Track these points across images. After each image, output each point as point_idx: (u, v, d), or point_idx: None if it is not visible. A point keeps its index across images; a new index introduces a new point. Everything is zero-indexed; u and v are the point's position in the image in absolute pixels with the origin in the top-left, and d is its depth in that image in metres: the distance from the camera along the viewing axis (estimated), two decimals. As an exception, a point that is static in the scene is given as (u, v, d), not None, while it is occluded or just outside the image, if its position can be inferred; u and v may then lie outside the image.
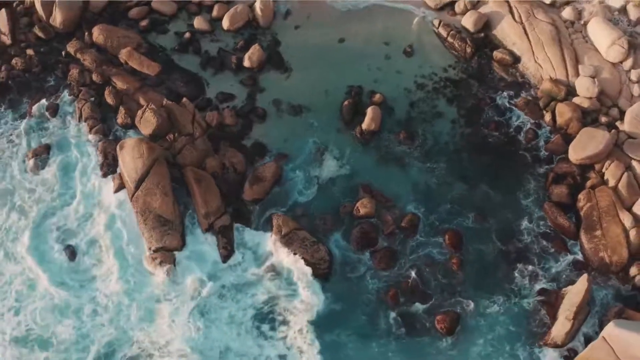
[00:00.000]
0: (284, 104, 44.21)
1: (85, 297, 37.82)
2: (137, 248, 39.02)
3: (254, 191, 40.79)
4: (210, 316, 37.09)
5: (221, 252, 38.95)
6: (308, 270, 38.15)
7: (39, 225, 40.02)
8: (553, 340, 36.62)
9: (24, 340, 36.75)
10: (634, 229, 38.38)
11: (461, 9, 47.31)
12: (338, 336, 36.78)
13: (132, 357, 36.09)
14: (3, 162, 42.55)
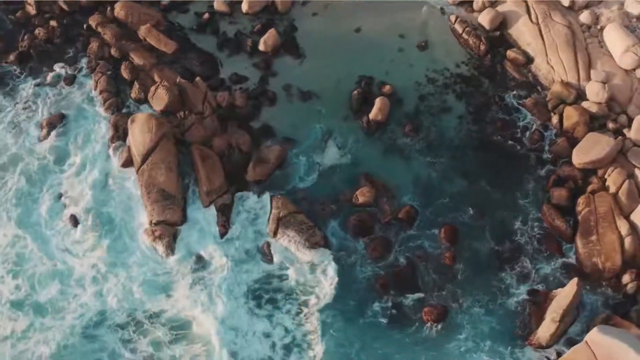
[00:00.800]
0: (295, 90, 44.57)
1: (85, 265, 38.73)
2: (139, 221, 39.82)
3: (257, 172, 41.28)
4: (205, 290, 37.68)
5: (220, 229, 39.58)
6: (301, 254, 38.76)
7: (44, 192, 40.97)
8: (538, 341, 36.62)
9: (20, 304, 37.75)
10: (630, 236, 38.05)
11: (479, 6, 47.08)
12: (326, 317, 37.00)
13: (119, 325, 36.79)
14: (18, 128, 43.56)
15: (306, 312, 37.45)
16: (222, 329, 36.88)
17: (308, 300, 37.77)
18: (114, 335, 36.66)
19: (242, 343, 36.55)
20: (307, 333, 36.78)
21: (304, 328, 36.97)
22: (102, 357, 36.15)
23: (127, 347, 36.37)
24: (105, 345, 36.47)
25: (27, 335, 36.78)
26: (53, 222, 40.13)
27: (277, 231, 39.16)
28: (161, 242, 38.75)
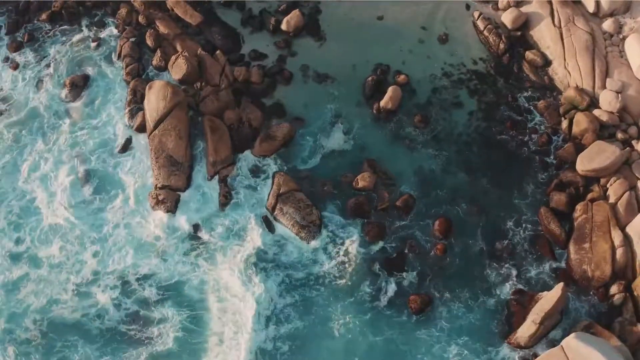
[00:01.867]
0: (311, 71, 44.85)
1: (88, 223, 39.81)
2: (145, 184, 40.84)
3: (263, 148, 41.84)
4: (200, 257, 38.76)
5: (220, 200, 40.40)
6: (297, 231, 39.31)
7: (58, 149, 42.12)
8: (516, 340, 36.66)
9: (18, 256, 39.03)
10: (622, 248, 37.64)
11: (504, 5, 46.44)
12: (311, 292, 37.79)
13: (111, 284, 37.86)
14: (40, 84, 44.74)
15: (294, 285, 38.02)
16: (214, 295, 37.74)
17: (298, 274, 38.33)
18: (105, 294, 37.67)
19: (232, 307, 37.55)
20: (290, 305, 37.43)
21: (288, 300, 37.58)
22: (90, 312, 37.19)
23: (117, 305, 37.31)
24: (95, 302, 37.50)
25: (20, 285, 38.07)
26: (63, 178, 41.10)
27: (276, 206, 39.81)
28: (163, 206, 39.77)
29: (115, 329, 36.91)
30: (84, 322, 37.00)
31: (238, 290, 37.86)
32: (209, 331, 36.90)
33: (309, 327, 37.05)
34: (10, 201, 40.67)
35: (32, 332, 36.75)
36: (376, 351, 36.37)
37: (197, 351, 36.48)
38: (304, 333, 37.06)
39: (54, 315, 37.15)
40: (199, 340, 36.60)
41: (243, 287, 37.82)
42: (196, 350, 36.49)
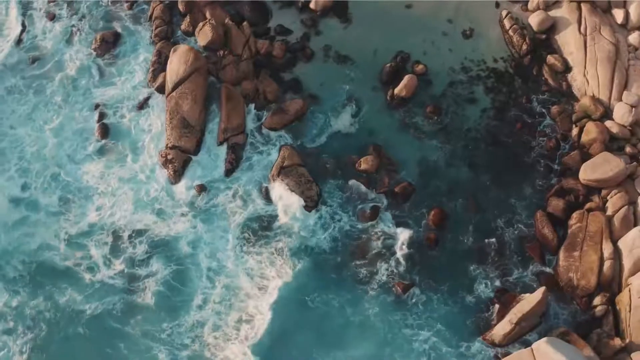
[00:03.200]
0: (332, 52, 44.91)
1: (97, 176, 41.08)
2: (157, 143, 41.82)
3: (274, 121, 42.39)
4: (197, 218, 39.75)
5: (226, 166, 41.23)
6: (294, 204, 39.88)
7: (82, 101, 43.45)
8: (491, 338, 36.67)
9: (19, 200, 40.51)
10: (611, 261, 37.04)
11: (533, 6, 45.43)
12: (298, 263, 38.45)
13: (106, 239, 39.19)
14: (70, 38, 45.99)
15: (284, 255, 38.67)
16: (205, 256, 38.85)
17: (289, 244, 38.99)
18: (98, 249, 39.03)
19: (221, 271, 38.58)
20: (279, 274, 38.16)
21: (277, 268, 38.33)
22: (81, 263, 38.59)
23: (107, 259, 38.65)
24: (88, 255, 38.88)
25: (16, 226, 39.59)
26: (81, 130, 42.53)
27: (278, 178, 40.37)
28: (171, 166, 40.79)
29: (103, 282, 38.00)
30: (74, 271, 38.40)
31: (230, 253, 38.66)
32: (192, 290, 37.83)
33: (290, 295, 37.83)
34: (23, 147, 41.98)
35: (20, 271, 38.21)
36: (350, 325, 36.94)
37: (175, 309, 37.53)
38: (293, 309, 37.55)
39: (45, 259, 38.66)
40: (180, 299, 37.63)
41: (233, 252, 38.61)
42: (175, 308, 37.53)
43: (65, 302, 37.35)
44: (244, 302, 37.54)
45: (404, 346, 36.68)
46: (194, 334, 36.80)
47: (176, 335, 36.69)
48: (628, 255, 37.03)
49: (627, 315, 36.04)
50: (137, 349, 36.58)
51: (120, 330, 36.62)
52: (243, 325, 36.99)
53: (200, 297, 37.64)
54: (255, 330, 36.79)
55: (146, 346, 36.48)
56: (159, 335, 36.64)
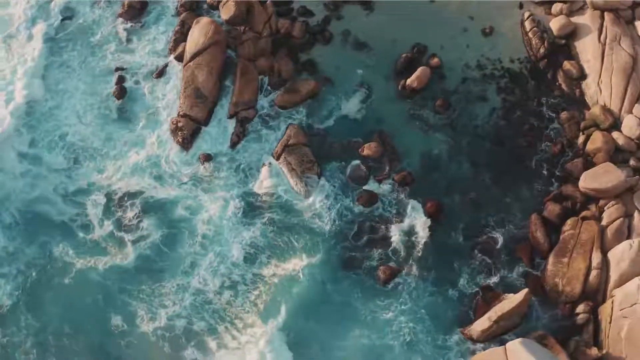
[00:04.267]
0: (351, 37, 44.84)
1: (104, 136, 42.01)
2: (169, 112, 42.47)
3: (285, 99, 42.71)
4: (198, 187, 40.47)
5: (232, 139, 41.75)
6: (294, 182, 40.22)
7: (102, 62, 44.42)
8: (469, 333, 36.68)
9: (24, 155, 41.51)
10: (598, 270, 36.58)
11: (557, 11, 44.64)
12: (290, 239, 38.94)
13: (101, 200, 40.14)
14: (99, 2, 46.92)
15: (277, 230, 39.22)
16: (202, 223, 39.48)
17: (284, 220, 39.50)
18: (94, 208, 39.99)
19: (216, 238, 39.29)
20: (266, 246, 38.78)
21: (265, 241, 38.91)
22: (76, 220, 39.64)
23: (101, 219, 39.68)
24: (83, 213, 39.92)
25: (19, 178, 40.73)
26: (97, 92, 43.47)
27: (281, 155, 40.79)
28: (180, 134, 41.54)
29: (95, 240, 39.12)
30: (69, 226, 39.52)
31: (226, 223, 39.26)
32: (181, 255, 38.66)
33: (277, 269, 38.30)
34: (38, 106, 42.94)
35: (18, 219, 39.49)
36: (330, 302, 37.45)
37: (161, 271, 38.42)
38: (275, 277, 38.17)
39: (42, 211, 39.86)
40: (168, 262, 38.55)
41: (229, 222, 39.22)
42: (161, 271, 38.42)
43: (58, 253, 38.61)
44: (230, 270, 38.10)
45: (383, 329, 36.95)
46: (176, 297, 37.54)
47: (156, 296, 37.57)
48: (615, 267, 36.49)
49: (607, 326, 35.59)
50: (113, 303, 37.60)
51: (103, 285, 37.72)
52: (225, 292, 37.64)
53: (189, 262, 38.39)
54: (237, 297, 37.48)
55: (123, 302, 37.46)
56: (137, 294, 37.61)
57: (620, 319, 35.20)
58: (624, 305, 35.26)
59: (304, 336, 36.87)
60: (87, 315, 37.39)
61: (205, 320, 37.02)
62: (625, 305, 35.21)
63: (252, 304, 37.43)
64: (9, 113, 42.45)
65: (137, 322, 36.85)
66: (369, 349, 36.57)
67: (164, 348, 36.45)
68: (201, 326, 36.98)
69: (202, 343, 36.83)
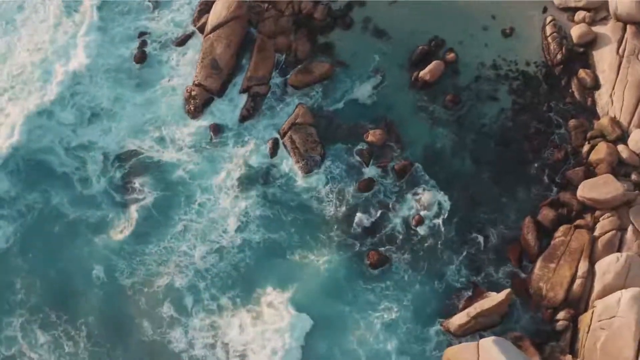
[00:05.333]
0: (371, 24, 44.55)
1: (111, 97, 42.64)
2: (185, 81, 42.90)
3: (298, 78, 42.85)
4: (200, 153, 41.01)
5: (242, 112, 42.11)
6: (296, 160, 40.48)
7: (125, 26, 45.00)
8: (447, 325, 36.75)
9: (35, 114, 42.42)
10: (582, 279, 36.15)
11: (579, 19, 43.78)
12: (286, 215, 39.33)
13: (99, 157, 40.89)
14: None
15: (272, 203, 39.68)
16: (200, 190, 40.13)
17: (281, 196, 39.85)
18: (94, 165, 40.77)
19: (212, 207, 39.83)
20: (262, 217, 39.28)
21: (261, 212, 39.35)
22: (75, 173, 40.40)
23: (98, 176, 40.47)
24: (82, 167, 40.65)
25: (30, 131, 41.55)
26: (118, 53, 44.10)
27: (287, 133, 41.08)
28: (192, 102, 42.07)
29: (92, 194, 40.00)
30: (69, 178, 40.43)
31: (223, 193, 39.80)
32: (174, 219, 39.31)
33: (270, 243, 38.65)
34: (59, 61, 43.68)
35: (21, 167, 40.60)
36: (318, 276, 37.82)
37: (153, 232, 39.14)
38: (264, 246, 38.67)
39: (45, 160, 40.79)
40: (161, 224, 39.27)
41: (225, 192, 39.77)
42: (153, 231, 39.15)
43: (55, 202, 39.67)
44: (221, 237, 38.62)
45: (365, 308, 37.14)
46: (160, 258, 38.30)
47: (139, 255, 38.38)
48: (600, 278, 35.98)
49: (584, 335, 35.18)
50: (97, 256, 38.50)
51: (90, 238, 38.71)
52: (209, 257, 38.24)
53: (181, 226, 39.08)
54: (221, 262, 38.17)
55: (106, 256, 38.37)
56: (120, 251, 38.40)
57: (598, 330, 34.80)
58: (603, 317, 34.85)
59: (280, 303, 37.25)
60: (72, 263, 38.51)
61: (186, 279, 37.76)
62: (604, 317, 34.80)
63: (235, 267, 38.05)
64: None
65: (117, 276, 37.76)
66: (349, 323, 36.87)
67: (139, 302, 37.28)
68: (182, 284, 37.71)
69: (180, 300, 37.53)
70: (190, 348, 36.30)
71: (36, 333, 36.47)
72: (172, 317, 37.13)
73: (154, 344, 36.43)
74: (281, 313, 36.91)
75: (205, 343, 36.45)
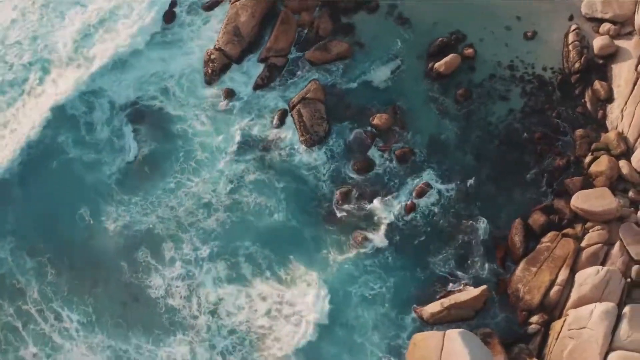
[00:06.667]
0: (396, 11, 44.04)
1: (138, 50, 43.45)
2: (207, 44, 43.33)
3: (315, 55, 42.80)
4: (205, 112, 41.57)
5: (257, 81, 42.38)
6: (301, 132, 40.65)
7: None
8: (421, 313, 36.66)
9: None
10: (560, 287, 35.59)
11: (604, 30, 42.45)
12: (279, 181, 39.79)
13: (103, 104, 42.03)
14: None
15: (271, 173, 39.97)
16: (200, 150, 40.74)
17: (279, 164, 40.22)
18: (100, 111, 41.72)
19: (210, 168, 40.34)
20: (253, 182, 39.74)
21: (256, 177, 39.84)
22: (83, 116, 41.50)
23: (102, 124, 41.40)
24: (89, 112, 41.66)
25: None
26: (148, 13, 44.66)
27: (296, 106, 41.15)
28: (210, 65, 42.59)
29: (94, 140, 41.00)
30: (76, 120, 41.49)
31: (223, 155, 40.30)
32: (169, 172, 40.05)
33: (260, 207, 39.06)
34: (93, 11, 44.78)
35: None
36: (299, 246, 38.25)
37: (148, 180, 39.93)
38: (253, 209, 39.15)
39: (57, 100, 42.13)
40: (155, 175, 40.08)
41: (225, 154, 40.25)
42: (148, 179, 39.94)
43: (60, 140, 40.83)
44: (211, 195, 39.29)
45: (347, 280, 37.30)
46: (145, 209, 39.10)
47: (125, 204, 39.24)
48: (577, 288, 35.32)
49: (553, 342, 34.76)
50: (87, 197, 39.62)
51: (84, 180, 39.85)
52: (200, 210, 39.00)
53: (173, 182, 39.79)
54: (207, 219, 38.81)
55: (92, 199, 39.45)
56: (107, 197, 39.34)
57: (567, 339, 34.33)
58: (573, 327, 34.32)
59: (259, 261, 37.96)
60: (62, 199, 39.79)
61: (167, 229, 38.55)
62: (574, 326, 34.28)
63: (220, 223, 38.62)
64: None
65: (102, 219, 38.71)
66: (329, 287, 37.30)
67: (120, 246, 38.25)
68: (161, 232, 38.53)
69: (157, 247, 38.39)
70: (168, 296, 37.05)
71: (25, 259, 37.97)
72: (149, 264, 37.99)
73: (132, 287, 37.50)
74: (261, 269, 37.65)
75: (180, 294, 37.16)
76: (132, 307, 37.22)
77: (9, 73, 42.69)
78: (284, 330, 36.43)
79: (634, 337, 33.51)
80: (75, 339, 36.30)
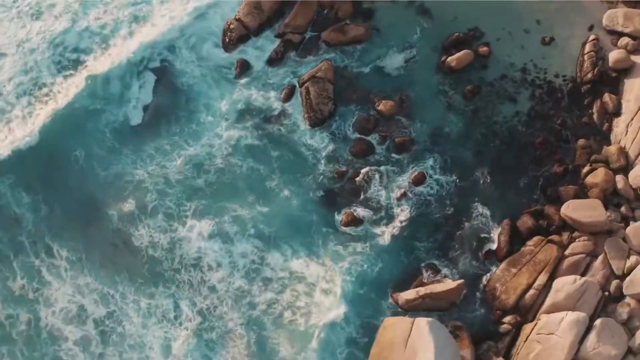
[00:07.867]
0: (419, 2, 43.57)
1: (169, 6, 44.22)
2: (228, 14, 43.70)
3: (331, 36, 42.63)
4: (211, 77, 42.02)
5: (271, 55, 42.50)
6: (305, 110, 40.62)
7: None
8: (397, 298, 36.51)
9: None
10: (536, 291, 35.14)
11: (622, 44, 41.33)
12: (274, 151, 40.00)
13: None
14: None
15: (269, 144, 40.16)
16: (205, 112, 41.25)
17: (278, 138, 40.36)
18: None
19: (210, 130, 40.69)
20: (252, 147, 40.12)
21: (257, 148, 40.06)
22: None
23: (107, 80, 41.98)
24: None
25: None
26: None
27: (305, 84, 41.06)
28: (228, 34, 42.85)
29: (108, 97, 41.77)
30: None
31: (224, 120, 40.66)
32: (170, 134, 40.64)
33: (252, 172, 39.43)
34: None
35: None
36: (288, 215, 38.41)
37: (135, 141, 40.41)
38: (245, 174, 39.51)
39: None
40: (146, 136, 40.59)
41: (227, 120, 40.67)
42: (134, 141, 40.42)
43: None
44: (206, 158, 39.64)
45: (332, 256, 37.34)
46: (136, 166, 39.67)
47: (122, 155, 39.85)
48: (553, 294, 34.80)
49: (521, 344, 34.39)
50: (84, 140, 40.06)
51: (82, 124, 40.48)
52: (191, 170, 39.38)
53: (168, 146, 40.14)
54: (198, 178, 39.34)
55: (87, 143, 40.05)
56: (103, 144, 40.00)
57: (535, 342, 33.93)
58: (542, 331, 33.91)
59: (245, 222, 38.22)
60: (59, 139, 40.28)
61: (158, 185, 39.06)
62: (543, 331, 33.86)
63: (211, 185, 39.10)
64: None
65: (94, 166, 39.42)
66: (312, 262, 37.34)
67: (109, 193, 38.94)
68: (151, 187, 39.02)
69: (142, 202, 38.85)
70: (151, 247, 37.60)
71: (22, 194, 38.85)
72: (134, 214, 38.49)
73: (120, 233, 38.09)
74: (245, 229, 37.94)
75: (163, 246, 37.71)
76: (121, 251, 37.84)
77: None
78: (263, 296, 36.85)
79: (600, 349, 33.03)
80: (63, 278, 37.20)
